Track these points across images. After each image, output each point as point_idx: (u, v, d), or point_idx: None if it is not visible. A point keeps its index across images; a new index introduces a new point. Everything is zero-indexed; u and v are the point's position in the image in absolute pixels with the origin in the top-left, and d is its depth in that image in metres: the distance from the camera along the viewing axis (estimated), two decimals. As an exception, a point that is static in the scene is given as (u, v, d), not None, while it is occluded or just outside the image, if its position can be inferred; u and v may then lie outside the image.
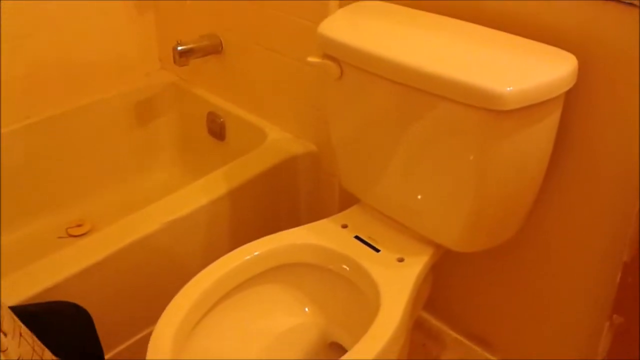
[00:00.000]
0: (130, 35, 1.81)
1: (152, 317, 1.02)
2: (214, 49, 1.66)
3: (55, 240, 1.69)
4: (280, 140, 1.57)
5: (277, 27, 1.47)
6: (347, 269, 1.12)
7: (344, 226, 1.18)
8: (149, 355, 0.93)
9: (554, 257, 1.20)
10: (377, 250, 1.12)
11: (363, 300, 1.08)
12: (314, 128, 1.52)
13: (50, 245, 1.45)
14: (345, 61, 1.07)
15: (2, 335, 0.56)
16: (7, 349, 0.54)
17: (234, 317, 1.12)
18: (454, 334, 1.47)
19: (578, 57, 0.96)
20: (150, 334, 0.97)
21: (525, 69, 0.93)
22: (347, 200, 1.30)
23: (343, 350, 1.02)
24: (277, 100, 1.59)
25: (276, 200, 1.56)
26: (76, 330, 0.63)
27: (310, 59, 1.11)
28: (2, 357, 0.52)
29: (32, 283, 1.14)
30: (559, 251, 1.18)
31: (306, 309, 1.19)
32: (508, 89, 0.87)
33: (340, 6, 1.27)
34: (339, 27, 1.08)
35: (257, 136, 1.60)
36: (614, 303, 1.02)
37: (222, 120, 1.73)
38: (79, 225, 1.73)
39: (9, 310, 0.61)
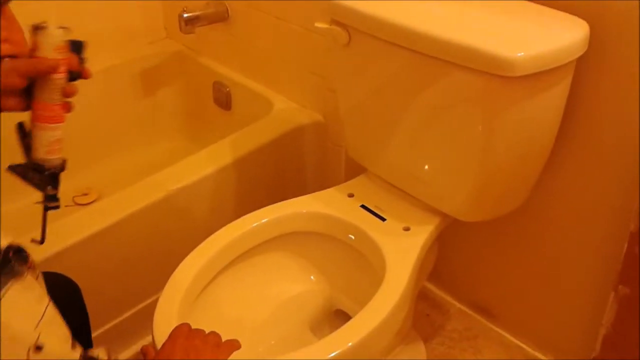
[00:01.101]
0: (136, 3, 1.79)
1: (159, 284, 1.03)
2: (220, 17, 1.64)
3: (61, 208, 1.69)
4: (286, 110, 1.56)
5: (284, -6, 1.45)
6: (353, 237, 1.12)
7: (350, 195, 1.18)
8: (155, 321, 0.94)
9: (559, 228, 1.19)
10: (383, 219, 1.12)
11: (368, 269, 1.08)
12: (321, 98, 1.51)
13: (57, 214, 1.45)
14: (353, 27, 1.06)
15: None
16: None
17: (240, 284, 1.13)
18: (458, 305, 1.48)
19: (590, 24, 0.94)
20: (156, 300, 0.98)
21: (536, 35, 0.92)
22: (354, 170, 1.30)
23: (348, 318, 1.02)
24: (283, 70, 1.58)
25: (282, 170, 1.55)
26: (64, 302, 0.65)
27: (318, 24, 1.10)
28: None
29: (37, 250, 1.14)
30: (565, 222, 1.18)
31: (312, 277, 1.19)
32: (518, 54, 0.86)
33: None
34: (347, -7, 1.07)
35: (263, 106, 1.59)
36: (619, 274, 1.02)
37: (228, 89, 1.72)
38: (86, 194, 1.73)
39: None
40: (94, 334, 1.29)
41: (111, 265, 1.27)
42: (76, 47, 0.74)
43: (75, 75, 0.73)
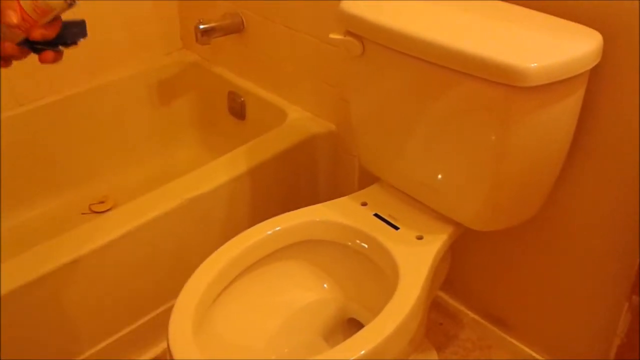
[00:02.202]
0: (153, 14, 1.82)
1: (173, 292, 1.04)
2: (236, 28, 1.66)
3: (78, 216, 1.72)
4: (300, 120, 1.58)
5: (299, 5, 1.47)
6: (366, 246, 1.12)
7: (364, 204, 1.19)
8: (170, 328, 0.95)
9: (573, 238, 1.19)
10: (397, 228, 1.12)
11: (381, 277, 1.08)
12: (334, 108, 1.53)
13: (74, 221, 1.48)
14: (367, 38, 1.07)
15: None
16: None
17: (253, 292, 1.13)
18: (471, 314, 1.48)
19: (603, 35, 0.95)
20: (170, 308, 0.99)
21: (550, 46, 0.92)
22: (367, 180, 1.31)
23: (361, 327, 1.03)
24: (297, 80, 1.59)
25: (296, 179, 1.56)
26: None
27: (333, 35, 1.11)
28: None
29: (54, 256, 1.16)
30: (579, 232, 1.18)
31: (325, 285, 1.20)
32: (532, 65, 0.86)
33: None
34: (361, 4, 1.08)
35: (277, 115, 1.60)
36: (633, 284, 1.01)
37: (242, 99, 1.74)
38: (102, 202, 1.76)
39: None
40: (110, 341, 1.31)
41: (127, 273, 1.28)
42: (70, 26, 0.75)
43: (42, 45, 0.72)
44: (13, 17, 0.68)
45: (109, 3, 1.71)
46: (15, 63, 0.72)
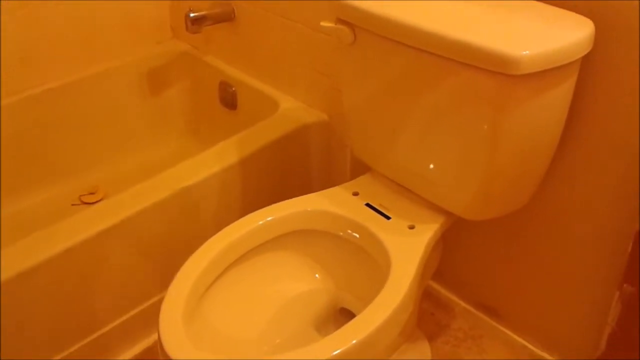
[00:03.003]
0: (143, 3, 1.80)
1: (164, 283, 1.03)
2: (227, 17, 1.65)
3: (68, 207, 1.71)
4: (292, 110, 1.57)
5: (290, -7, 1.46)
6: (358, 235, 1.12)
7: (355, 194, 1.18)
8: (161, 319, 0.95)
9: (564, 227, 1.19)
10: (388, 218, 1.12)
11: (373, 267, 1.08)
12: (326, 97, 1.52)
13: (64, 212, 1.47)
14: (358, 26, 1.06)
15: None
16: None
17: (245, 283, 1.13)
18: (463, 304, 1.48)
19: (595, 23, 0.94)
20: (161, 299, 0.98)
21: (541, 34, 0.92)
22: (359, 170, 1.30)
23: (352, 316, 1.03)
24: (289, 69, 1.58)
25: (288, 169, 1.56)
26: None
27: (324, 23, 1.10)
28: None
29: (44, 247, 1.16)
30: (570, 221, 1.18)
31: (316, 275, 1.19)
32: (524, 52, 0.86)
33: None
34: (353, -8, 1.07)
35: (268, 105, 1.59)
36: (624, 273, 1.02)
37: (233, 89, 1.72)
38: (92, 193, 1.75)
39: None
40: (101, 332, 1.30)
41: (117, 264, 1.28)
42: None
43: None
44: None
45: (98, -9, 1.69)
46: (4, 52, 0.70)
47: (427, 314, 1.47)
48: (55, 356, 1.24)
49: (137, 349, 1.38)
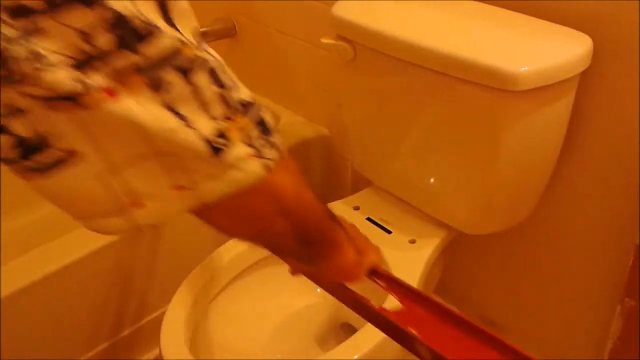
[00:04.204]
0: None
1: (166, 297, 1.03)
2: (228, 33, 1.66)
3: (71, 221, 1.70)
4: (292, 124, 1.58)
5: (292, 9, 1.47)
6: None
7: (356, 208, 1.19)
8: (163, 333, 0.95)
9: (565, 241, 1.20)
10: (389, 232, 1.12)
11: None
12: (327, 112, 1.53)
13: (67, 227, 1.47)
14: (358, 42, 1.07)
15: None
16: None
17: (246, 297, 1.13)
18: (464, 318, 1.47)
19: (593, 39, 0.95)
20: (163, 313, 0.98)
21: (540, 50, 0.92)
22: (359, 184, 1.31)
23: (354, 331, 1.03)
24: (290, 84, 1.59)
25: (288, 184, 1.56)
26: None
27: (324, 39, 1.11)
28: None
29: (47, 261, 1.16)
30: (571, 234, 1.18)
31: (318, 290, 1.19)
32: (522, 69, 0.87)
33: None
34: (353, 8, 1.08)
35: (269, 120, 1.60)
36: (625, 286, 1.02)
37: (235, 104, 1.73)
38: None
39: None
40: (102, 346, 1.30)
41: (120, 277, 1.28)
42: None
43: None
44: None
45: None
46: None
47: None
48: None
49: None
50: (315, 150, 1.55)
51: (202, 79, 0.38)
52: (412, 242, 1.11)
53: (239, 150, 0.40)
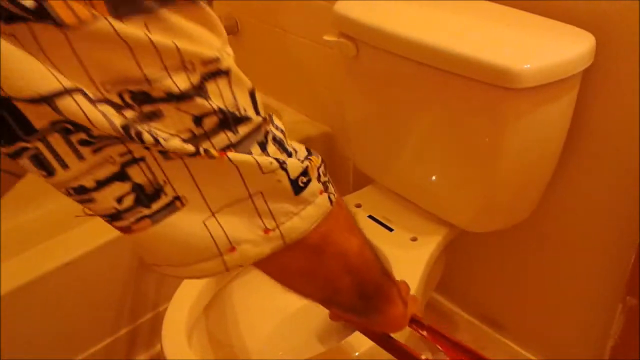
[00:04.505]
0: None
1: (167, 295, 1.03)
2: (230, 30, 1.66)
3: (73, 218, 1.70)
4: (294, 122, 1.58)
5: (294, 7, 1.47)
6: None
7: (358, 206, 1.19)
8: (164, 331, 0.95)
9: (567, 239, 1.19)
10: (391, 230, 1.12)
11: (376, 279, 1.08)
12: (328, 110, 1.53)
13: (68, 224, 1.47)
14: (361, 40, 1.07)
15: None
16: None
17: (247, 295, 1.13)
18: (466, 316, 1.48)
19: (596, 37, 0.95)
20: (165, 310, 0.98)
21: (543, 47, 0.92)
22: (361, 182, 1.31)
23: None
24: (291, 82, 1.59)
25: (290, 182, 1.56)
26: None
27: (327, 37, 1.11)
28: None
29: (49, 258, 1.16)
30: (573, 233, 1.18)
31: (319, 288, 1.19)
32: (525, 66, 0.86)
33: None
34: (355, 6, 1.08)
35: (271, 117, 1.60)
36: (627, 285, 1.02)
37: (237, 101, 1.73)
38: (96, 205, 1.75)
39: None
40: (104, 343, 1.30)
41: (121, 275, 1.28)
42: None
43: None
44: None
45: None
46: None
47: (429, 326, 1.47)
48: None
49: (142, 358, 1.38)
50: (317, 149, 1.52)
51: (271, 148, 0.43)
52: (414, 240, 1.11)
53: (314, 187, 0.44)
